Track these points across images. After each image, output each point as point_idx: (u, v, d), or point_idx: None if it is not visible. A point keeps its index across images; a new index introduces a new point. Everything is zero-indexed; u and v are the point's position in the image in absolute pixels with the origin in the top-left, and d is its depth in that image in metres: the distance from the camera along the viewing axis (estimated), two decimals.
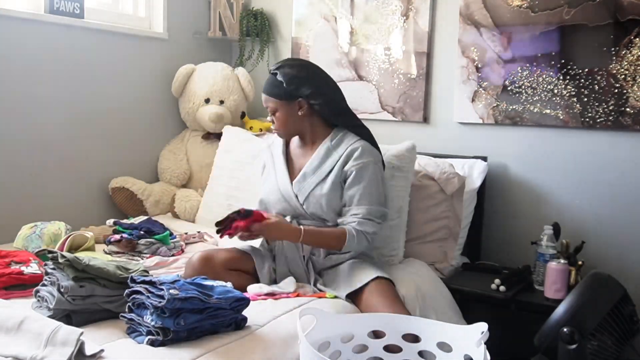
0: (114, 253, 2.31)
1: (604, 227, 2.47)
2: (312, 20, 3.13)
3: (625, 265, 2.41)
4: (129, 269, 1.71)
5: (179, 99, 3.17)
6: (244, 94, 3.19)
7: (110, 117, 2.90)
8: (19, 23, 2.48)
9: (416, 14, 2.82)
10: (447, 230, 2.47)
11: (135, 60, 3.00)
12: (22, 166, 2.55)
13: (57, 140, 2.67)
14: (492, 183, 2.67)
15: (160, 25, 3.11)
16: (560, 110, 2.51)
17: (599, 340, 1.74)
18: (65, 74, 2.69)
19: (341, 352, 1.65)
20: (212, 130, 3.09)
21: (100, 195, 2.89)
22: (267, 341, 1.60)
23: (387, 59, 2.91)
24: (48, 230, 2.26)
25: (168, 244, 2.39)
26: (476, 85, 2.69)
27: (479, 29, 2.67)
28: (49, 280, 1.65)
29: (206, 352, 1.48)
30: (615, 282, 1.86)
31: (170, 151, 3.13)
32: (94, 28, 2.78)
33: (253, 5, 3.36)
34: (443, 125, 2.82)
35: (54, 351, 1.35)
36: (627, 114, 2.38)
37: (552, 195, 2.58)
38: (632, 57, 2.35)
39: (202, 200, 2.90)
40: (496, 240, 2.70)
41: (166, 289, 1.48)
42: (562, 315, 1.77)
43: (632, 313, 1.80)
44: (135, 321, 1.54)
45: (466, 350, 1.55)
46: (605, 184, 2.47)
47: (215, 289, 1.60)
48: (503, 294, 2.24)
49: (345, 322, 1.69)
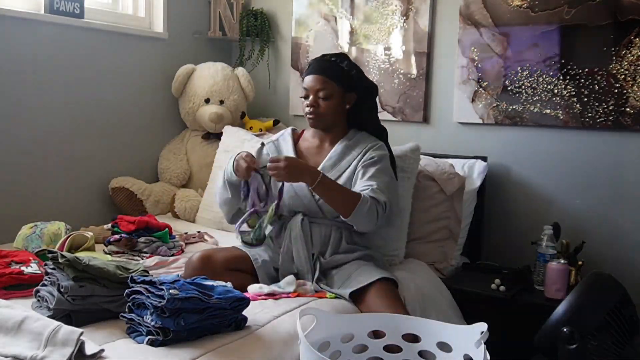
0: (113, 253, 2.31)
1: (604, 227, 2.47)
2: (312, 20, 3.13)
3: (625, 265, 2.41)
4: (129, 268, 1.71)
5: (179, 99, 3.17)
6: (244, 94, 3.19)
7: (110, 117, 2.90)
8: (19, 23, 2.48)
9: (416, 14, 2.82)
10: (447, 231, 2.47)
11: (135, 60, 3.00)
12: (22, 166, 2.55)
13: (57, 140, 2.67)
14: (492, 183, 2.67)
15: (160, 25, 3.11)
16: (560, 110, 2.51)
17: (599, 340, 1.73)
18: (65, 74, 2.69)
19: (341, 352, 1.65)
20: (212, 130, 3.09)
21: (100, 195, 2.89)
22: (267, 341, 1.60)
23: (387, 59, 2.91)
24: (48, 230, 2.26)
25: (167, 242, 2.39)
26: (476, 85, 2.69)
27: (479, 29, 2.67)
28: (49, 280, 1.65)
29: (206, 352, 1.48)
30: (615, 282, 1.86)
31: (170, 151, 3.13)
32: (94, 28, 2.78)
33: (253, 5, 3.36)
34: (443, 125, 2.82)
35: (54, 351, 1.35)
36: (627, 114, 2.38)
37: (552, 195, 2.58)
38: (632, 57, 2.35)
39: (202, 201, 2.90)
40: (496, 240, 2.70)
41: (166, 289, 1.48)
42: (562, 315, 1.77)
43: (632, 313, 1.80)
44: (135, 321, 1.54)
45: (466, 350, 1.55)
46: (605, 184, 2.47)
47: (216, 289, 1.60)
48: (503, 294, 2.24)
49: (345, 322, 1.69)
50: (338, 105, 2.12)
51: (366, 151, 2.10)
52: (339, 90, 2.10)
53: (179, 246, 2.43)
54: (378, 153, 2.09)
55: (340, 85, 2.10)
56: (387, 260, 2.31)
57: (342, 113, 2.15)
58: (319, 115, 2.11)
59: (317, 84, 2.09)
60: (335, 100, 2.10)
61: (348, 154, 2.12)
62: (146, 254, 2.31)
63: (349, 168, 2.09)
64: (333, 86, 2.09)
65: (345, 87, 2.11)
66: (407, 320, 1.71)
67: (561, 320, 1.76)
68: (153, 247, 2.34)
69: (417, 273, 2.30)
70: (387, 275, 1.97)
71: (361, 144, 2.13)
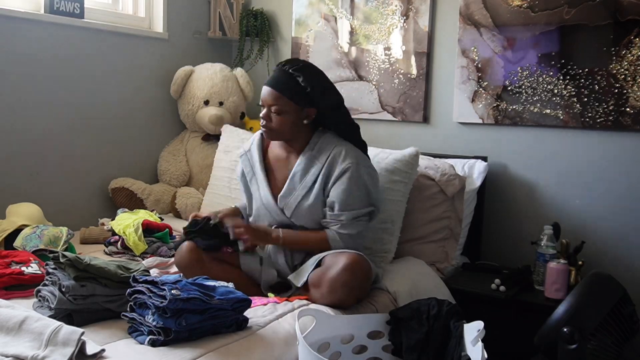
0: (113, 253, 2.31)
1: (604, 227, 2.47)
2: (312, 20, 3.13)
3: (625, 265, 2.42)
4: (130, 268, 1.71)
5: (178, 101, 3.17)
6: (243, 94, 3.19)
7: (109, 117, 2.90)
8: (19, 23, 2.49)
9: (416, 14, 2.82)
10: (448, 231, 2.47)
11: (135, 60, 3.00)
12: (22, 166, 2.55)
13: (56, 141, 2.68)
14: (492, 183, 2.67)
15: (160, 25, 3.12)
16: (560, 110, 2.51)
17: (599, 340, 1.74)
18: (65, 74, 2.69)
19: (341, 353, 1.66)
20: (211, 132, 3.09)
21: (100, 196, 2.89)
22: (268, 342, 1.60)
23: (387, 59, 2.91)
24: (49, 232, 2.25)
25: (168, 243, 2.39)
26: (476, 85, 2.69)
27: (479, 29, 2.67)
28: (50, 280, 1.66)
29: (207, 352, 1.48)
30: (615, 282, 1.86)
31: (169, 152, 3.13)
32: (94, 28, 2.78)
33: (253, 5, 3.36)
34: (443, 125, 2.82)
35: (54, 351, 1.35)
36: (627, 114, 2.38)
37: (552, 195, 2.58)
38: (632, 57, 2.35)
39: (203, 201, 2.90)
40: (496, 240, 2.70)
41: (168, 289, 1.48)
42: (562, 315, 1.77)
43: (632, 313, 1.80)
44: (136, 321, 1.54)
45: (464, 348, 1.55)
46: (605, 184, 2.47)
47: (217, 289, 1.60)
48: (503, 294, 2.24)
49: (345, 322, 1.70)
50: (293, 121, 1.99)
51: (331, 162, 1.98)
52: (294, 107, 1.97)
53: (181, 246, 2.43)
54: (343, 166, 1.96)
55: (295, 101, 1.97)
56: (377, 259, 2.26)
57: (299, 127, 2.02)
58: (271, 129, 2.01)
59: (269, 98, 1.98)
60: (289, 116, 1.97)
61: (313, 166, 2.01)
62: (147, 254, 2.31)
63: (316, 184, 2.00)
64: (286, 102, 1.96)
65: (301, 103, 1.98)
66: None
67: (561, 320, 1.76)
68: (154, 247, 2.34)
69: (411, 270, 2.29)
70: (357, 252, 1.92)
71: (324, 151, 2.01)
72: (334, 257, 1.89)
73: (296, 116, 2.00)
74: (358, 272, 1.84)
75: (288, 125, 2.00)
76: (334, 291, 1.81)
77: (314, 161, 2.02)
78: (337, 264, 1.84)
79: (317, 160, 2.01)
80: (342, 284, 1.81)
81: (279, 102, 1.97)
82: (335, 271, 1.82)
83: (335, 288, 1.81)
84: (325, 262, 1.91)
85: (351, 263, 1.82)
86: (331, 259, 1.89)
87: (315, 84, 1.99)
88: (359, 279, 1.85)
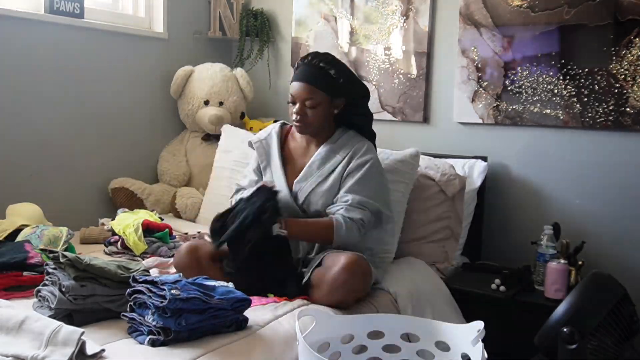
0: (113, 253, 2.31)
1: (604, 227, 2.47)
2: (312, 20, 3.13)
3: (625, 265, 2.41)
4: (130, 268, 1.71)
5: (177, 101, 3.17)
6: (243, 94, 3.19)
7: (109, 117, 2.90)
8: (19, 23, 2.49)
9: (416, 14, 2.82)
10: (448, 231, 2.47)
11: (135, 60, 3.00)
12: (22, 166, 2.55)
13: (56, 141, 2.68)
14: (492, 183, 2.67)
15: (160, 25, 3.12)
16: (560, 110, 2.51)
17: (599, 340, 1.74)
18: (65, 74, 2.69)
19: (341, 353, 1.66)
20: (212, 132, 3.09)
21: (100, 196, 2.89)
22: (268, 341, 1.60)
23: (387, 59, 2.91)
24: (49, 232, 2.25)
25: (168, 243, 2.39)
26: (476, 85, 2.69)
27: (479, 29, 2.67)
28: (50, 280, 1.65)
29: (207, 352, 1.48)
30: (615, 282, 1.86)
31: (169, 152, 3.13)
32: (94, 28, 2.78)
33: (253, 5, 3.36)
34: (443, 125, 2.82)
35: (54, 351, 1.35)
36: (627, 114, 2.38)
37: (552, 195, 2.58)
38: (632, 57, 2.35)
39: (204, 201, 2.90)
40: (496, 240, 2.70)
41: (168, 289, 1.48)
42: (562, 315, 1.77)
43: (632, 313, 1.80)
44: (136, 321, 1.54)
45: (463, 348, 1.55)
46: (605, 183, 2.47)
47: (217, 289, 1.60)
48: (503, 294, 2.24)
49: (344, 322, 1.69)
50: (325, 113, 2.07)
51: (351, 156, 2.06)
52: (327, 98, 2.05)
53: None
54: (363, 159, 2.05)
55: (328, 93, 2.04)
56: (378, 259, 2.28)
57: (329, 118, 2.10)
58: (306, 124, 2.07)
59: (304, 92, 2.04)
60: (322, 108, 2.05)
61: (332, 158, 2.08)
62: (146, 254, 2.31)
63: (333, 173, 2.06)
64: (321, 95, 2.04)
65: (333, 95, 2.06)
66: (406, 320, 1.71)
67: (561, 320, 1.76)
68: (154, 247, 2.34)
69: (412, 270, 2.29)
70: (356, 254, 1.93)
71: (346, 146, 2.09)
72: (334, 258, 1.90)
73: (328, 107, 2.07)
74: (358, 272, 1.86)
75: (323, 117, 2.07)
76: (334, 291, 1.83)
77: (334, 154, 2.09)
78: (337, 264, 1.85)
79: (337, 154, 2.08)
80: (342, 284, 1.82)
81: (315, 95, 2.03)
82: (335, 271, 1.83)
83: (335, 288, 1.83)
84: (325, 263, 1.92)
85: (351, 263, 1.84)
86: (331, 260, 1.90)
87: (346, 75, 2.09)
88: (358, 279, 1.86)
